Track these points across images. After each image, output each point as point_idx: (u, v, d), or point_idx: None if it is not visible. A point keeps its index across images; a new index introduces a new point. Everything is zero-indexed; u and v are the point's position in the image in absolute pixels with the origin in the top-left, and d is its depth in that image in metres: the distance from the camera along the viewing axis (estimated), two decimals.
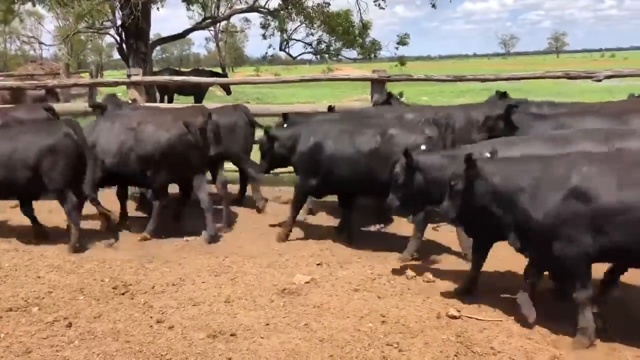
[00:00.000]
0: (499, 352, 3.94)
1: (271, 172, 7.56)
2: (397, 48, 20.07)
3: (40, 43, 53.35)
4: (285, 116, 7.07)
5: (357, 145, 6.15)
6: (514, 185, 4.27)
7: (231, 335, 4.25)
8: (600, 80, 9.14)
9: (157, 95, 17.54)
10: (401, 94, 8.79)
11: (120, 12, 15.92)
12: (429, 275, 5.36)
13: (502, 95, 8.09)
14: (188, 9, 21.11)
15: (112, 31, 18.04)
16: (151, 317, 4.57)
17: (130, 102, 9.65)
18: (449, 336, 4.15)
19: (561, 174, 4.08)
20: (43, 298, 4.95)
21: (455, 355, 3.91)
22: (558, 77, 9.88)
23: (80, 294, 5.06)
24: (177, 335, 4.27)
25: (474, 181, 4.44)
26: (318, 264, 5.75)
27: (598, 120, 6.13)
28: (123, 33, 16.70)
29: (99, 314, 4.64)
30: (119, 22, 16.69)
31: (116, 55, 17.99)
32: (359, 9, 18.67)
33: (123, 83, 10.82)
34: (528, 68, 48.60)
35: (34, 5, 20.30)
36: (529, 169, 4.29)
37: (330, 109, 8.53)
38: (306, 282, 5.22)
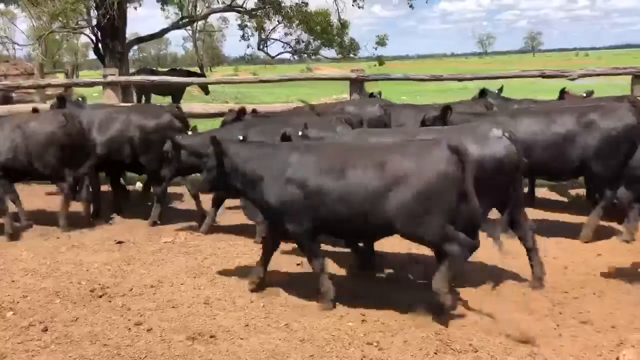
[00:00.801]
0: (478, 349, 3.96)
1: None
2: (375, 48, 20.18)
3: (14, 43, 52.40)
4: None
5: None
6: (250, 167, 4.79)
7: (211, 336, 4.22)
8: (574, 79, 9.30)
9: (135, 95, 17.35)
10: (380, 93, 8.81)
11: (95, 11, 15.74)
12: (408, 275, 5.38)
13: (482, 93, 8.20)
14: (162, 9, 20.88)
15: (87, 31, 17.81)
16: (129, 320, 4.52)
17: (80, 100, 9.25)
18: (429, 334, 4.17)
19: (281, 160, 4.65)
20: (18, 302, 4.87)
21: (435, 353, 3.94)
22: (534, 77, 10.02)
23: (57, 297, 4.99)
24: (156, 337, 4.23)
25: (221, 160, 4.87)
26: (298, 264, 5.75)
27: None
28: (99, 33, 16.51)
29: (75, 317, 4.58)
30: (94, 22, 16.50)
31: (92, 55, 17.73)
32: (337, 9, 18.72)
33: (99, 83, 10.72)
34: (505, 67, 49.17)
35: (6, 6, 19.96)
36: (263, 153, 4.81)
37: (253, 112, 8.30)
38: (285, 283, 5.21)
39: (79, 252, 6.28)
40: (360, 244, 5.56)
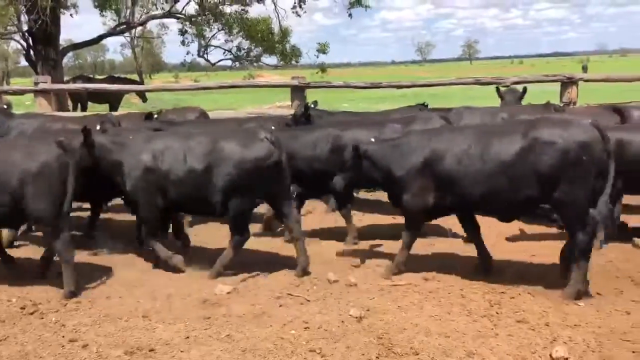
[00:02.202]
0: (419, 351, 4.02)
1: None
2: (317, 56, 20.28)
3: None
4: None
5: None
6: (111, 157, 5.82)
7: (150, 350, 4.11)
8: (507, 86, 9.64)
9: (70, 103, 16.81)
10: (315, 103, 8.80)
11: (26, 16, 15.15)
12: (351, 279, 5.41)
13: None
14: (101, 15, 20.33)
15: (17, 36, 17.13)
16: (63, 337, 4.35)
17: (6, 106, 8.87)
18: (371, 339, 4.20)
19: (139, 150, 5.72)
20: None
21: (377, 357, 3.97)
22: (469, 84, 10.34)
23: None
24: (92, 354, 4.09)
25: (91, 149, 5.87)
26: (240, 274, 5.68)
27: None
28: (30, 39, 15.90)
29: (4, 336, 4.37)
30: (25, 27, 15.87)
31: (24, 62, 17.03)
32: (278, 16, 18.73)
33: (30, 91, 10.31)
34: (443, 74, 50.48)
35: None
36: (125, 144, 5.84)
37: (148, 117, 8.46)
38: (228, 292, 5.15)
39: (10, 267, 5.99)
40: None
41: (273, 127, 6.85)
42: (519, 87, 9.32)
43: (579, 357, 3.93)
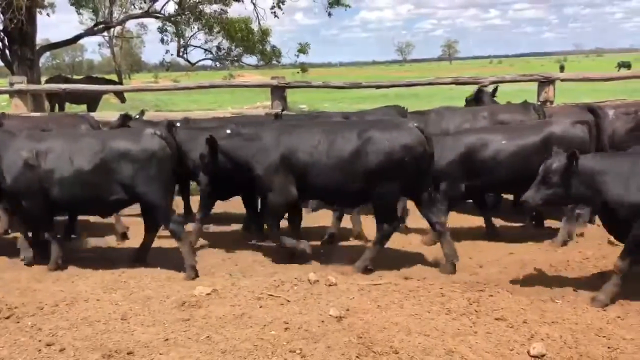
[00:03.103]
0: (399, 350, 4.03)
1: None
2: (297, 56, 20.30)
3: None
4: None
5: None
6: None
7: (128, 353, 4.06)
8: (486, 86, 9.72)
9: (47, 104, 16.58)
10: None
11: (1, 15, 14.91)
12: (331, 279, 5.41)
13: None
14: (78, 13, 20.10)
15: None
16: (40, 341, 4.27)
17: None
18: (351, 338, 4.20)
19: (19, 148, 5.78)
20: None
21: (357, 357, 3.96)
22: (448, 84, 10.42)
23: None
24: (69, 358, 4.03)
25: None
26: (221, 275, 5.66)
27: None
28: (5, 38, 15.65)
29: None
30: (0, 27, 15.62)
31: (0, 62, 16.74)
32: (257, 16, 18.69)
33: (5, 92, 10.12)
34: (423, 74, 50.74)
35: None
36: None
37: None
38: (207, 294, 5.10)
39: None
40: None
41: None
42: (491, 87, 9.48)
43: (556, 354, 3.98)
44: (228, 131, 6.32)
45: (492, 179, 6.45)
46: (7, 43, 15.87)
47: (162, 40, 20.10)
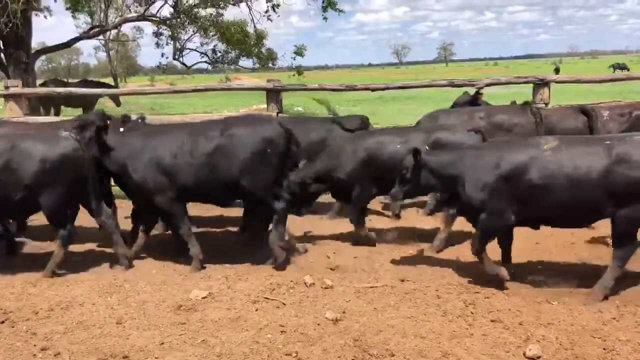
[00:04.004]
0: (395, 352, 4.03)
1: None
2: (294, 58, 20.26)
3: None
4: None
5: None
6: None
7: (123, 357, 4.05)
8: (481, 88, 9.74)
9: (42, 108, 16.54)
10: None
11: None
12: (327, 282, 5.40)
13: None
14: (74, 17, 20.04)
15: None
16: (35, 345, 4.26)
17: None
18: (347, 341, 4.19)
19: None
20: None
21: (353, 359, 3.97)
22: (443, 86, 10.43)
23: None
24: None
25: None
26: (216, 278, 5.64)
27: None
28: (1, 42, 15.59)
29: None
30: None
31: None
32: (253, 19, 18.68)
33: (0, 95, 10.09)
34: (419, 76, 50.75)
35: None
36: None
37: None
38: (203, 297, 5.10)
39: None
40: None
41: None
42: (491, 89, 9.50)
43: (552, 355, 3.98)
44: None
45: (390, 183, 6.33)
46: (2, 46, 15.80)
47: (157, 44, 20.09)
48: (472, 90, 9.99)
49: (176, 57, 19.77)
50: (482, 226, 5.41)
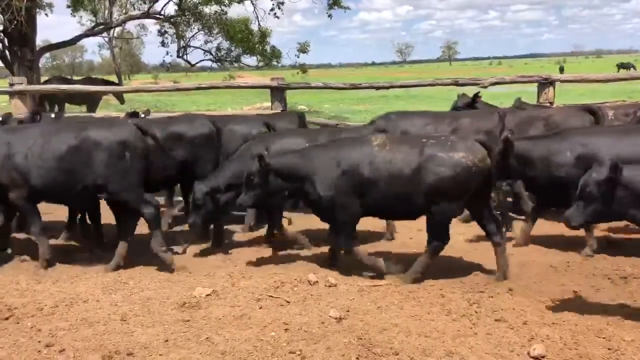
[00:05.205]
0: (399, 351, 4.03)
1: None
2: (297, 56, 20.27)
3: None
4: None
5: None
6: None
7: (128, 354, 4.05)
8: (486, 87, 9.72)
9: (47, 104, 16.57)
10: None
11: (1, 16, 14.90)
12: (331, 280, 5.41)
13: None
14: (73, 15, 20.05)
15: None
16: (39, 342, 4.26)
17: None
18: (351, 339, 4.19)
19: None
20: None
21: (357, 358, 3.95)
22: (447, 85, 10.42)
23: None
24: (69, 358, 4.01)
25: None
26: (220, 275, 5.65)
27: None
28: (5, 39, 15.64)
29: None
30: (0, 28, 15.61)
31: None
32: (257, 17, 18.70)
33: (5, 92, 10.12)
34: (422, 75, 50.77)
35: None
36: None
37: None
38: (207, 295, 5.10)
39: None
40: None
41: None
42: (495, 89, 9.48)
43: (556, 355, 3.97)
44: None
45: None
46: (6, 44, 15.85)
47: (162, 43, 20.10)
48: (471, 90, 9.96)
49: (180, 54, 19.79)
50: (337, 222, 5.70)
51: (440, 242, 5.50)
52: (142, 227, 6.32)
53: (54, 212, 7.51)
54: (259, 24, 18.94)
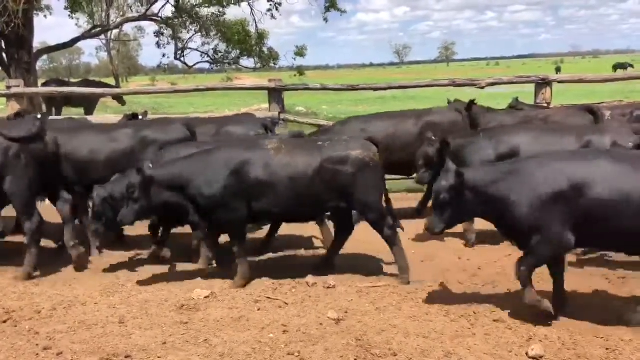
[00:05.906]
0: (397, 352, 4.03)
1: None
2: (294, 59, 20.26)
3: None
4: None
5: None
6: None
7: (126, 357, 4.05)
8: (483, 88, 9.74)
9: (44, 107, 16.53)
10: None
11: None
12: (329, 281, 5.40)
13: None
14: (71, 17, 19.99)
15: None
16: (37, 345, 4.26)
17: None
18: (349, 341, 4.20)
19: None
20: None
21: (355, 359, 3.97)
22: (445, 85, 10.43)
23: None
24: None
25: None
26: (219, 277, 5.65)
27: None
28: (2, 42, 15.60)
29: None
30: None
31: None
32: (254, 19, 18.69)
33: (2, 95, 10.10)
34: (420, 76, 50.71)
35: None
36: None
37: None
38: (206, 297, 5.10)
39: None
40: None
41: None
42: (493, 89, 9.49)
43: (554, 355, 3.97)
44: None
45: None
46: (3, 46, 15.79)
47: (158, 45, 20.08)
48: (468, 93, 9.98)
49: (177, 57, 19.77)
50: (228, 227, 5.59)
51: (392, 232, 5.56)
52: (141, 228, 6.33)
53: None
54: (256, 26, 18.94)
